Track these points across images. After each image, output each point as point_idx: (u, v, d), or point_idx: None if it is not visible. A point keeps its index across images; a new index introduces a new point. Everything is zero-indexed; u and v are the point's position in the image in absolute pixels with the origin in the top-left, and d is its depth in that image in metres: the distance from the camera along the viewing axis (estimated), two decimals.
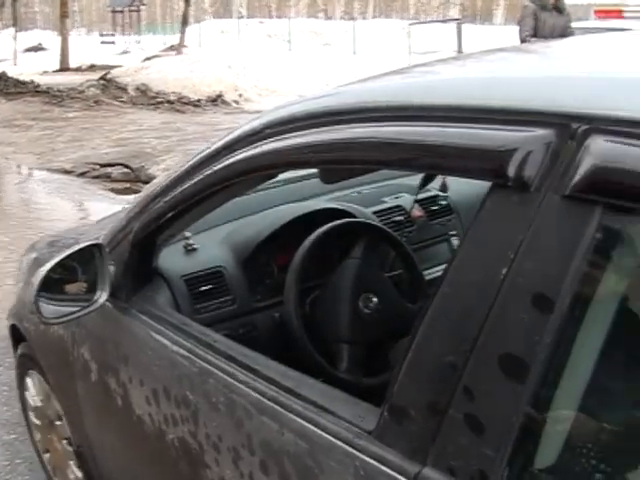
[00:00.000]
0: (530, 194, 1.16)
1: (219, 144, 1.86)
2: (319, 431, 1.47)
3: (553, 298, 1.10)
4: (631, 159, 1.05)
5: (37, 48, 39.69)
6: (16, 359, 3.43)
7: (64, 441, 2.98)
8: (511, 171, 1.17)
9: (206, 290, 2.47)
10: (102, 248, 2.20)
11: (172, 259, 2.47)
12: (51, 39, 37.95)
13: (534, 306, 1.11)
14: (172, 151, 11.46)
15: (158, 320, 2.09)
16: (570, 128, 1.13)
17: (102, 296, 2.19)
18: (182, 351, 1.92)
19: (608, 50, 1.59)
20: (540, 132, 1.17)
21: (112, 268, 2.21)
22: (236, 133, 1.81)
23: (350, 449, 1.38)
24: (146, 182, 9.22)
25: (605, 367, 1.15)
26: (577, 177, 1.09)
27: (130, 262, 2.20)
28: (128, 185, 10.19)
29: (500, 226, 1.20)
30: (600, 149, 1.08)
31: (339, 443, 1.41)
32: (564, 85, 1.26)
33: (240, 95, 18.38)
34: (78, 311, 2.22)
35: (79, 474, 2.89)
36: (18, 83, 21.89)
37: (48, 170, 11.19)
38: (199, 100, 18.16)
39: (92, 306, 2.21)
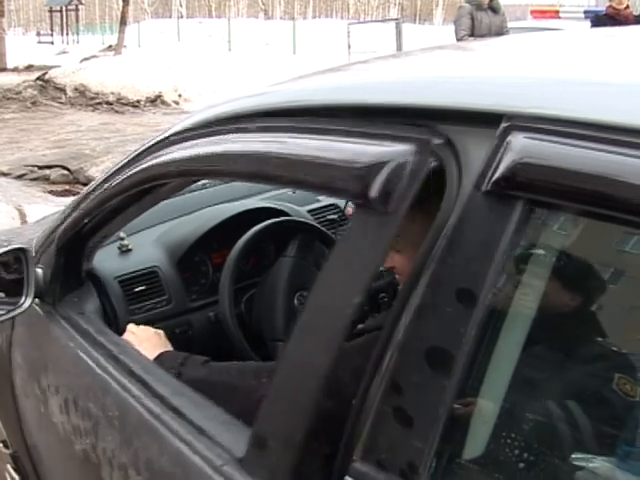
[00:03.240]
0: (452, 188, 1.18)
1: (142, 147, 1.85)
2: (193, 455, 1.45)
3: (476, 292, 1.11)
4: (550, 155, 1.07)
5: None
6: None
7: (0, 444, 2.94)
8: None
9: (141, 290, 2.46)
10: (26, 252, 2.16)
11: (106, 260, 2.45)
12: None
13: (458, 300, 1.13)
14: (111, 152, 11.34)
15: (76, 327, 2.08)
16: (491, 125, 1.15)
17: (26, 301, 2.15)
18: (89, 361, 1.91)
19: (534, 49, 1.62)
20: (461, 128, 1.19)
21: (40, 272, 2.17)
22: (160, 136, 1.80)
23: (217, 477, 1.38)
24: (85, 184, 9.10)
25: (529, 359, 1.17)
26: (498, 173, 1.11)
27: (56, 266, 2.17)
28: (67, 187, 10.06)
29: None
30: (520, 146, 1.10)
31: (209, 471, 1.39)
32: (486, 82, 1.27)
33: (180, 95, 18.26)
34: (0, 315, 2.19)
35: (16, 477, 2.85)
36: None
37: None
38: (138, 101, 18.00)
39: (15, 310, 2.18)
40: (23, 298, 2.15)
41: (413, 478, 1.16)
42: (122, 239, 2.55)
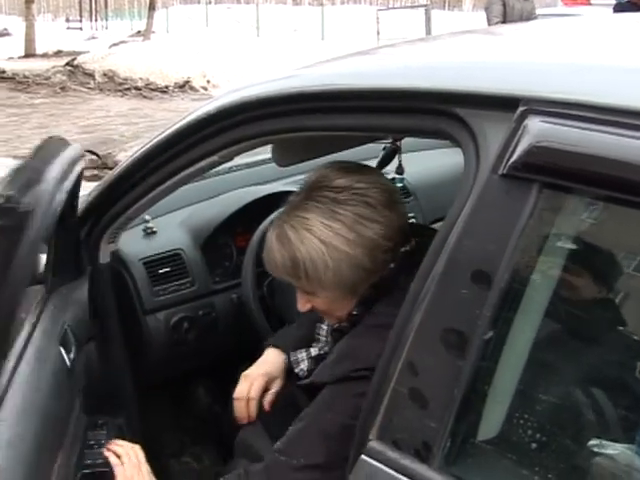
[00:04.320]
0: (469, 171, 1.19)
1: (168, 131, 1.87)
2: None
3: (492, 274, 1.12)
4: (567, 139, 1.08)
5: (2, 34, 39.14)
6: None
7: None
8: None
9: (165, 272, 2.48)
10: None
11: (131, 242, 2.47)
12: (16, 24, 37.46)
13: (474, 281, 1.14)
14: (140, 137, 11.36)
15: None
16: (508, 109, 1.16)
17: None
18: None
19: (554, 34, 1.62)
20: (478, 112, 1.20)
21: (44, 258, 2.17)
22: (185, 119, 1.82)
23: None
24: (113, 169, 9.14)
25: (544, 341, 1.18)
26: (515, 156, 1.12)
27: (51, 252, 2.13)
28: (96, 172, 10.09)
29: None
30: (537, 129, 1.11)
31: None
32: (504, 67, 1.29)
33: (208, 81, 18.26)
34: None
35: None
36: None
37: (14, 157, 11.07)
38: (167, 86, 18.02)
39: None
40: None
41: (428, 458, 1.18)
42: (147, 221, 2.56)
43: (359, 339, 1.61)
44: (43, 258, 2.13)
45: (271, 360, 2.00)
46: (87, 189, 2.29)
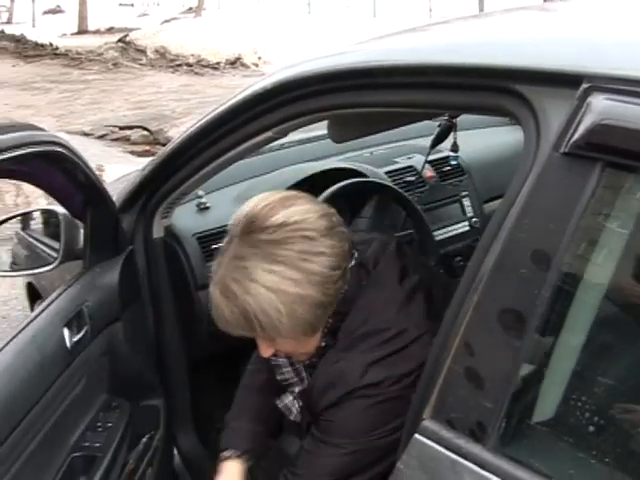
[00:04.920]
0: (530, 150, 1.17)
1: (221, 107, 1.87)
2: None
3: (551, 253, 1.11)
4: (632, 117, 1.06)
5: (55, 10, 39.55)
6: None
7: None
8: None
9: (218, 248, 2.48)
10: (57, 215, 2.17)
11: (185, 217, 2.49)
12: (69, 1, 37.67)
13: (533, 261, 1.13)
14: (191, 114, 11.44)
15: None
16: (571, 86, 1.13)
17: (55, 262, 2.18)
18: None
19: (617, 9, 1.59)
20: (540, 89, 1.19)
21: (82, 233, 2.19)
22: (238, 96, 1.82)
23: None
24: (165, 145, 9.17)
25: (604, 322, 1.16)
26: (577, 135, 1.10)
27: (89, 231, 2.16)
28: (147, 148, 10.21)
29: None
30: (601, 107, 1.09)
31: None
32: (567, 43, 1.26)
33: (259, 58, 18.29)
34: (27, 268, 2.21)
35: None
36: (37, 46, 21.88)
37: (67, 132, 11.20)
38: (218, 63, 18.08)
39: (40, 268, 2.23)
40: (56, 256, 2.18)
41: (482, 438, 1.17)
42: (200, 197, 2.58)
43: (338, 364, 1.57)
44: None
45: None
46: (139, 164, 2.30)
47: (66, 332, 1.92)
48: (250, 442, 1.89)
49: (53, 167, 1.87)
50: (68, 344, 1.92)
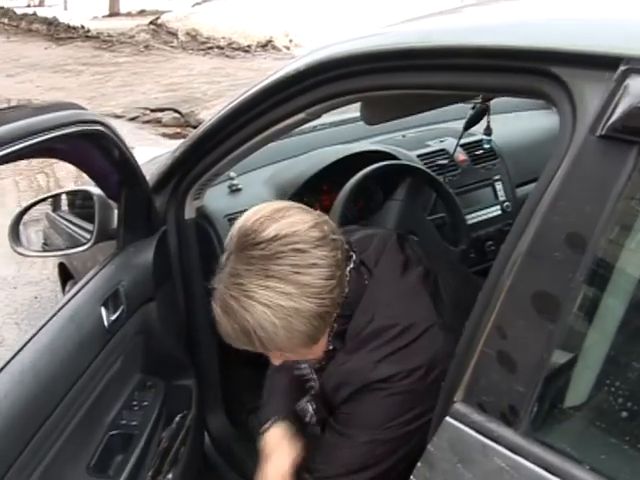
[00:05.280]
0: (565, 132, 1.16)
1: (253, 89, 1.87)
2: None
3: (587, 237, 1.10)
4: None
5: None
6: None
7: None
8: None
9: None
10: (92, 195, 2.20)
11: (216, 199, 2.49)
12: None
13: (568, 244, 1.12)
14: (222, 96, 11.46)
15: None
16: (608, 69, 1.12)
17: (88, 243, 2.20)
18: None
19: None
20: (576, 71, 1.17)
21: (115, 214, 2.21)
22: (270, 78, 1.82)
23: None
24: (196, 127, 9.20)
25: (638, 306, 1.15)
26: (614, 117, 1.09)
27: (123, 211, 2.18)
28: (179, 130, 10.23)
29: None
30: (639, 89, 1.08)
31: None
32: (604, 24, 1.24)
33: (290, 40, 18.25)
34: (60, 249, 2.22)
35: None
36: (69, 28, 21.97)
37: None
38: (249, 45, 18.06)
39: (74, 249, 2.24)
40: (90, 238, 2.20)
41: (514, 422, 1.16)
42: (232, 178, 2.58)
43: (347, 365, 1.59)
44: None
45: (274, 450, 1.85)
46: (170, 147, 2.31)
47: (103, 311, 1.94)
48: (286, 406, 1.90)
49: (93, 146, 1.89)
50: (106, 323, 1.94)
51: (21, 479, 1.56)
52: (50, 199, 3.59)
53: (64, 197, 3.47)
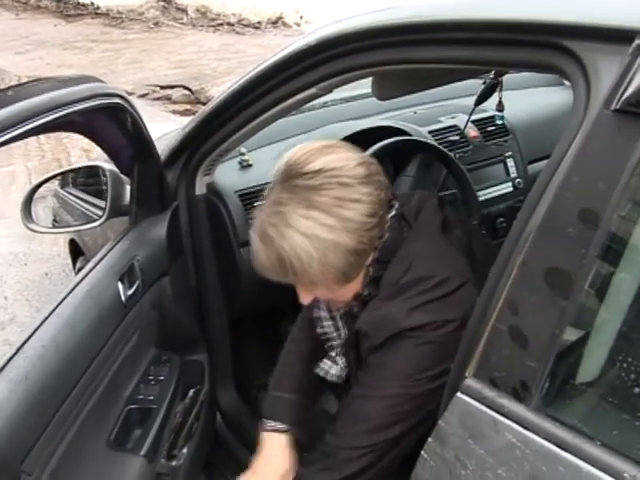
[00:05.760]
0: (579, 106, 1.15)
1: (263, 65, 1.87)
2: None
3: (600, 212, 1.09)
4: None
5: None
6: (75, 273, 3.51)
7: None
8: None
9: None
10: (104, 170, 2.20)
11: (227, 174, 2.49)
12: None
13: (581, 220, 1.11)
14: (232, 73, 11.41)
15: None
16: (623, 43, 1.11)
17: (101, 219, 2.20)
18: None
19: None
20: (590, 45, 1.16)
21: (128, 190, 2.21)
22: (281, 54, 1.81)
23: None
24: (205, 104, 9.17)
25: None
26: (629, 91, 1.08)
27: (136, 186, 2.18)
28: (188, 107, 10.22)
29: None
30: None
31: None
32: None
33: (301, 17, 18.13)
34: (72, 225, 2.22)
35: None
36: (78, 5, 21.86)
37: None
38: (259, 22, 17.96)
39: (86, 225, 2.24)
40: (103, 214, 2.20)
41: (525, 397, 1.17)
42: (243, 154, 2.58)
43: (380, 311, 1.58)
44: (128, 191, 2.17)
45: (275, 457, 1.86)
46: (180, 124, 2.30)
47: (120, 286, 1.95)
48: (293, 414, 1.90)
49: (110, 119, 1.89)
50: (123, 298, 1.95)
51: (47, 454, 1.57)
52: (60, 175, 3.59)
53: (72, 174, 3.47)
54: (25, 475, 1.46)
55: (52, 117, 1.52)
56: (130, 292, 1.98)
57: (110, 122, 1.90)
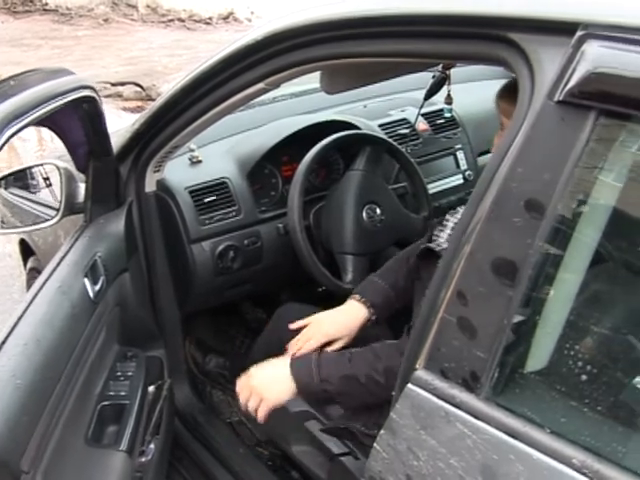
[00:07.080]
0: (524, 98, 1.16)
1: (211, 60, 1.86)
2: None
3: (545, 203, 1.10)
4: (627, 65, 1.05)
5: None
6: (26, 273, 3.47)
7: None
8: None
9: (211, 201, 2.48)
10: (60, 168, 2.17)
11: (177, 171, 2.48)
12: None
13: (526, 210, 1.12)
14: (183, 69, 11.31)
15: None
16: (566, 34, 1.12)
17: (55, 217, 2.17)
18: None
19: None
20: (534, 37, 1.17)
21: (82, 188, 2.19)
22: (228, 49, 1.81)
23: None
24: None
25: (596, 272, 1.16)
26: (572, 83, 1.09)
27: (90, 183, 2.16)
28: (140, 104, 10.13)
29: None
30: (596, 55, 1.08)
31: None
32: None
33: (252, 12, 18.08)
34: (24, 225, 2.21)
35: None
36: (26, 1, 21.56)
37: None
38: (210, 18, 17.86)
39: (42, 224, 2.22)
40: (55, 213, 2.18)
41: (475, 387, 1.17)
42: (192, 150, 2.57)
43: None
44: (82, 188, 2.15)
45: (348, 317, 2.01)
46: (131, 121, 2.29)
47: (87, 282, 1.93)
48: (380, 298, 2.04)
49: (76, 113, 1.87)
50: (91, 294, 1.93)
51: (40, 452, 1.56)
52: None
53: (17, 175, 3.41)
54: (24, 474, 1.46)
55: (38, 114, 1.50)
56: (97, 288, 1.97)
57: (74, 116, 1.87)
